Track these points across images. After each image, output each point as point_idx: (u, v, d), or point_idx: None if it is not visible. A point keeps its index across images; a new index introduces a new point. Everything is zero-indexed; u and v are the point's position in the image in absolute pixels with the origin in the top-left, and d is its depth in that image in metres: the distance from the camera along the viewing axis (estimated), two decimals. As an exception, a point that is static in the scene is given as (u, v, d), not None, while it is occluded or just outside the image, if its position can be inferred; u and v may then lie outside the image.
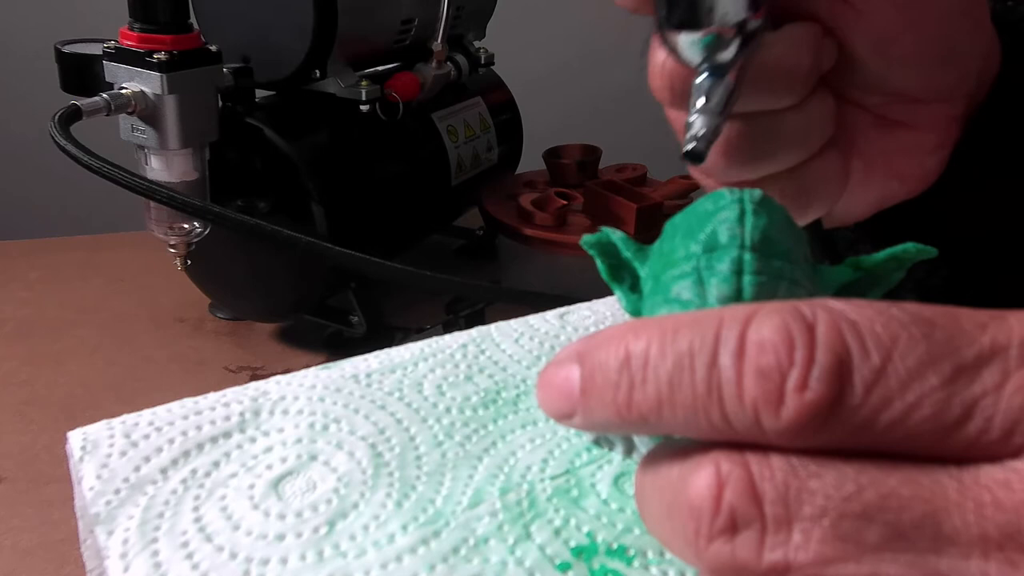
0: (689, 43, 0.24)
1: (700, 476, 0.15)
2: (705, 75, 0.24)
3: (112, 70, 0.49)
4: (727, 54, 0.23)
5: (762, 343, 0.14)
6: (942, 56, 0.26)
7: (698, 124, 0.23)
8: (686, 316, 0.16)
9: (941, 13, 0.25)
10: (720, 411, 0.15)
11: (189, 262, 0.55)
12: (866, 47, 0.26)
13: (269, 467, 0.23)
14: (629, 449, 0.20)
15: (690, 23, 0.23)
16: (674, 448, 0.16)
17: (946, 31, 0.25)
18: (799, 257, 0.20)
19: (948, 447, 0.14)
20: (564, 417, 0.17)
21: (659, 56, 0.26)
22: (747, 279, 0.19)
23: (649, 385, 0.15)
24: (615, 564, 0.20)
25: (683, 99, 0.26)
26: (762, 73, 0.25)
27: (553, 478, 0.22)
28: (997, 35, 0.28)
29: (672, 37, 0.24)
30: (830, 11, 0.25)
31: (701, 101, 0.24)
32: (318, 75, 0.59)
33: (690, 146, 0.23)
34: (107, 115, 0.47)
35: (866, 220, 0.30)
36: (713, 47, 0.23)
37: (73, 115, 0.46)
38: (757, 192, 0.20)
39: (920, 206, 0.29)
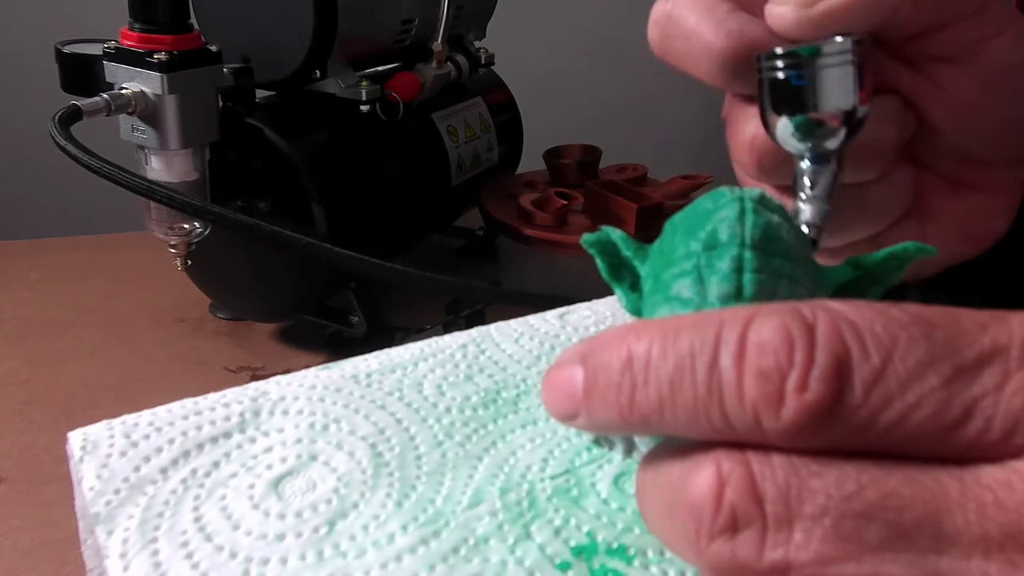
0: (793, 130, 0.24)
1: (701, 475, 0.15)
2: (808, 163, 0.24)
3: (112, 70, 0.49)
4: (833, 142, 0.24)
5: (762, 344, 0.15)
6: (1017, 125, 0.26)
7: (808, 212, 0.24)
8: (687, 318, 0.16)
9: (1019, 85, 0.25)
10: (720, 412, 0.15)
11: (189, 262, 0.55)
12: (945, 119, 0.26)
13: (269, 467, 0.22)
14: (629, 448, 0.20)
15: (797, 110, 0.23)
16: (675, 447, 0.16)
17: (1022, 101, 0.26)
18: (799, 255, 0.20)
19: (949, 447, 0.14)
20: (567, 418, 0.17)
21: (748, 129, 0.26)
22: (747, 277, 0.19)
23: (651, 386, 0.15)
24: (615, 563, 0.20)
25: (769, 174, 0.26)
26: (849, 151, 0.25)
27: (553, 478, 0.22)
28: None
29: (774, 121, 0.24)
30: (912, 85, 0.26)
31: (807, 188, 0.24)
32: (318, 75, 0.59)
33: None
34: (107, 115, 0.47)
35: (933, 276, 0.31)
36: (820, 135, 0.23)
37: (73, 115, 0.46)
38: (756, 191, 0.20)
39: (987, 261, 0.30)
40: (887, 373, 0.14)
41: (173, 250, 0.54)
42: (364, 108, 0.60)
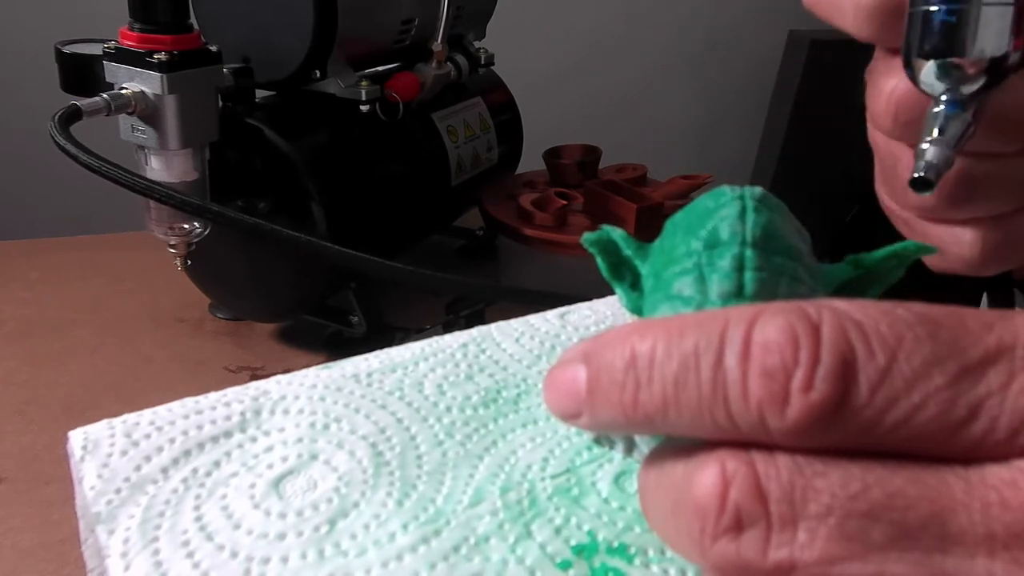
0: (935, 72, 0.23)
1: (705, 474, 0.15)
2: (943, 106, 0.23)
3: (112, 70, 0.48)
4: (972, 87, 0.23)
5: (767, 343, 0.14)
6: None
7: (930, 153, 0.23)
8: (691, 317, 0.16)
9: None
10: (725, 411, 0.15)
11: (189, 262, 0.55)
12: None
13: (270, 466, 0.22)
14: (630, 448, 0.20)
15: (943, 52, 0.23)
16: (678, 447, 0.16)
17: None
18: (800, 254, 0.20)
19: (954, 447, 0.14)
20: (571, 417, 0.17)
21: (888, 82, 0.26)
22: (748, 275, 0.19)
23: (655, 385, 0.15)
24: (616, 562, 0.20)
25: (903, 129, 0.26)
26: (996, 115, 0.24)
27: (554, 477, 0.22)
28: None
29: (918, 64, 0.23)
30: None
31: (936, 131, 0.23)
32: (318, 75, 0.59)
33: (920, 173, 0.23)
34: (107, 115, 0.47)
35: None
36: (959, 79, 0.23)
37: (73, 115, 0.46)
38: (758, 189, 0.20)
39: None
40: (892, 373, 0.14)
41: (173, 250, 0.54)
42: (364, 108, 0.60)
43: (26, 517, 0.44)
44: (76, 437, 0.23)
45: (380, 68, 0.65)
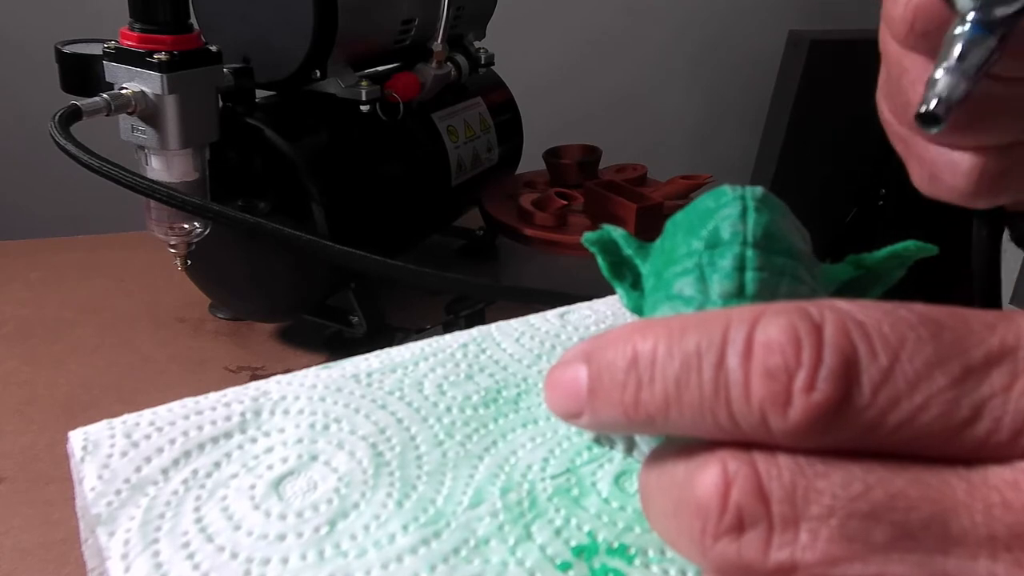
0: None
1: (707, 475, 0.15)
2: (968, 27, 0.21)
3: (112, 70, 0.48)
4: (1008, 9, 0.20)
5: (769, 344, 0.14)
6: None
7: (943, 83, 0.21)
8: (693, 316, 0.16)
9: None
10: (727, 411, 0.15)
11: (189, 262, 0.55)
12: None
13: (270, 467, 0.22)
14: (630, 447, 0.20)
15: None
16: (679, 447, 0.16)
17: None
18: (801, 254, 0.20)
19: (956, 448, 0.14)
20: (572, 417, 0.17)
21: None
22: (749, 275, 0.19)
23: (656, 385, 0.15)
24: (616, 563, 0.20)
25: (919, 39, 0.23)
26: (1019, 35, 0.22)
27: (554, 477, 0.22)
28: None
29: None
30: None
31: (954, 57, 0.21)
32: (318, 75, 0.59)
33: (930, 105, 0.21)
34: (107, 115, 0.47)
35: None
36: None
37: (73, 115, 0.46)
38: (759, 189, 0.20)
39: None
40: (895, 373, 0.14)
41: (173, 250, 0.54)
42: (364, 108, 0.60)
43: (26, 517, 0.44)
44: (76, 437, 0.23)
45: (380, 68, 0.65)
